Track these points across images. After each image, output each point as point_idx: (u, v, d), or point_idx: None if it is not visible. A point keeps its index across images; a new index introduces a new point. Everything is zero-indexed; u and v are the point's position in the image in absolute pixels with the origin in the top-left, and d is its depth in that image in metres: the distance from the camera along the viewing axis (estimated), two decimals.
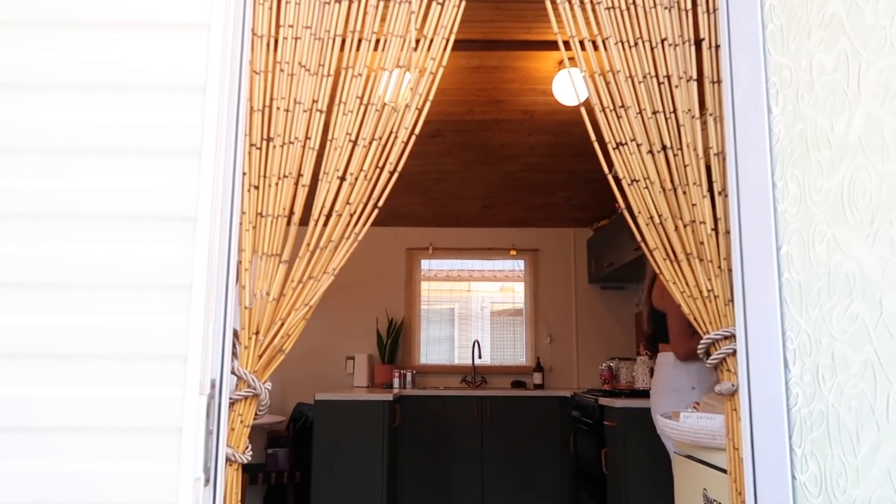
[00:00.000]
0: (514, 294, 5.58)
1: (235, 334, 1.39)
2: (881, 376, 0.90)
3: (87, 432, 1.24)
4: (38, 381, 1.24)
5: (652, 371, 4.51)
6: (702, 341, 1.43)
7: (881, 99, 0.91)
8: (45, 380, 1.24)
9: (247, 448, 1.38)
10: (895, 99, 0.89)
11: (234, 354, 1.38)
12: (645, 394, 4.06)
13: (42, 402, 1.23)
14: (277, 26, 1.48)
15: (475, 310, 5.61)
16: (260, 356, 1.40)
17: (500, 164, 4.81)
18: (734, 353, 1.38)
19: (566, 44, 1.55)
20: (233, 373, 1.36)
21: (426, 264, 5.55)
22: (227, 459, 1.33)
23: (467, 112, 4.31)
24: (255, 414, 1.40)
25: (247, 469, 4.23)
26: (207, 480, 1.25)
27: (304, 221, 1.44)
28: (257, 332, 1.40)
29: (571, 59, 1.54)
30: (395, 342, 5.22)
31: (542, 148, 4.62)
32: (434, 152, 4.66)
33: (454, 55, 3.78)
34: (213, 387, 1.27)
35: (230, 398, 1.34)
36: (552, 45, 3.65)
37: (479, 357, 5.29)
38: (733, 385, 1.38)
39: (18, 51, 1.32)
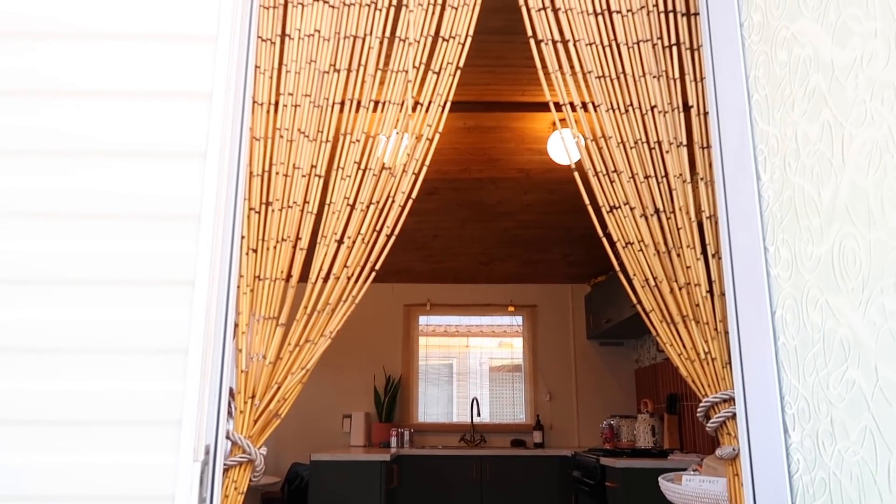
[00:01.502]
0: (513, 350, 5.55)
1: (231, 397, 1.38)
2: (881, 445, 0.90)
3: (79, 501, 1.21)
4: (31, 447, 1.22)
5: (653, 429, 4.44)
6: (701, 404, 1.42)
7: (865, 170, 0.94)
8: (36, 446, 1.22)
9: None
10: (878, 170, 0.91)
11: (229, 418, 1.37)
12: (647, 453, 3.99)
13: (34, 469, 1.21)
14: (277, 94, 1.53)
15: (474, 365, 5.57)
16: (255, 420, 1.38)
17: (496, 221, 4.86)
18: (734, 416, 1.37)
19: (557, 105, 1.60)
20: (228, 438, 1.34)
21: (424, 320, 5.53)
22: None
23: (463, 170, 4.38)
24: (250, 480, 1.38)
25: None
26: None
27: (301, 288, 1.44)
28: (253, 396, 1.39)
29: (563, 120, 1.59)
30: (392, 400, 5.16)
31: (537, 205, 4.67)
32: (431, 210, 4.72)
33: (451, 116, 3.87)
34: (207, 453, 1.26)
35: (224, 464, 1.32)
36: (547, 107, 3.74)
37: (479, 415, 5.22)
38: (734, 449, 1.37)
39: (18, 118, 1.35)
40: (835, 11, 1.02)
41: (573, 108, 1.57)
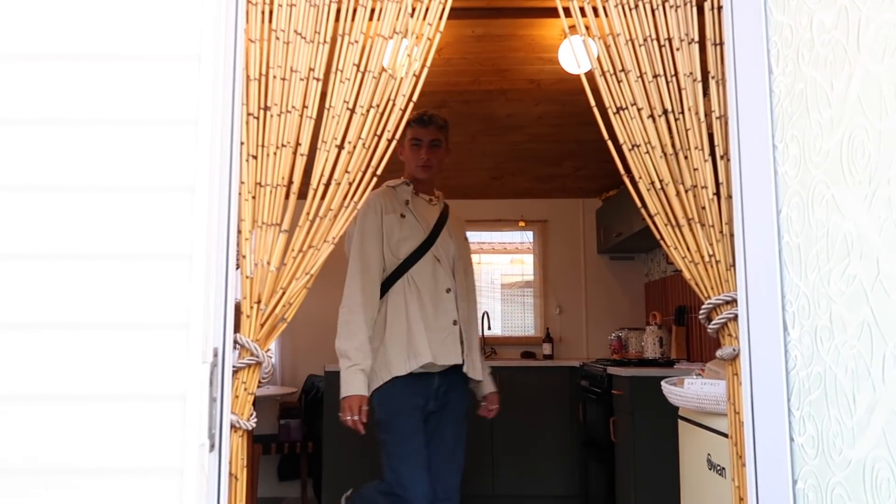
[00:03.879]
0: (524, 266, 5.58)
1: (237, 304, 1.40)
2: (877, 337, 0.90)
3: (95, 401, 1.26)
4: (44, 350, 1.25)
5: (661, 340, 4.51)
6: (703, 306, 1.43)
7: (879, 55, 0.89)
8: (50, 349, 1.25)
9: (251, 415, 1.40)
10: (894, 55, 0.87)
11: (237, 323, 1.40)
12: (653, 363, 4.06)
13: (48, 372, 1.25)
14: None
15: (486, 282, 5.62)
16: (262, 325, 1.41)
17: (506, 135, 4.77)
18: (735, 317, 1.37)
19: (566, 10, 1.53)
20: (235, 342, 1.37)
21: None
22: (232, 426, 1.35)
23: (473, 82, 4.27)
24: (259, 381, 1.42)
25: (260, 439, 4.30)
26: (212, 446, 1.27)
27: (304, 194, 1.43)
28: (259, 302, 1.41)
29: (572, 27, 1.52)
30: None
31: (549, 118, 4.57)
32: None
33: (458, 24, 3.73)
34: (215, 355, 1.29)
35: (233, 366, 1.35)
36: (557, 12, 3.59)
37: (489, 328, 5.31)
38: (734, 350, 1.38)
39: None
40: None
41: (583, 14, 1.50)
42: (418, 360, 2.32)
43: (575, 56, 1.75)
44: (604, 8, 1.50)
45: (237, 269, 1.39)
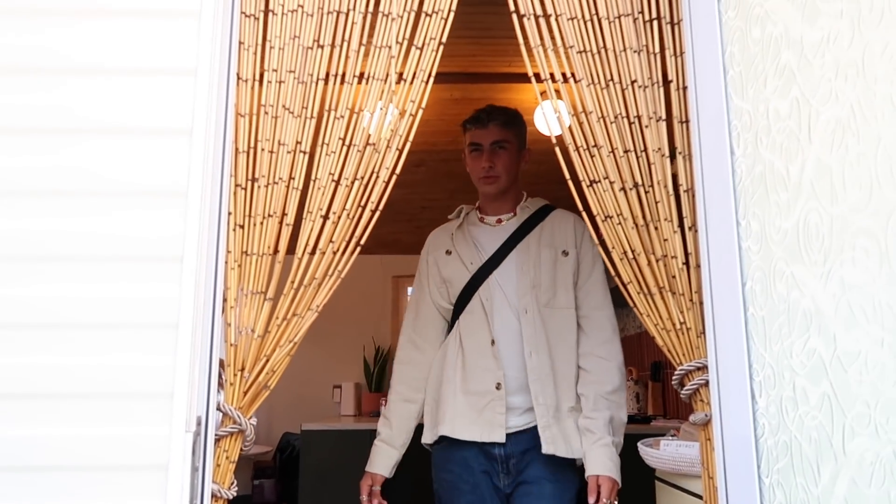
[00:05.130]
0: None
1: (222, 369, 1.41)
2: (837, 409, 0.95)
3: (76, 471, 1.26)
4: (26, 420, 1.26)
5: (638, 396, 4.53)
6: (676, 372, 1.47)
7: (829, 146, 0.97)
8: (32, 419, 1.26)
9: (232, 484, 1.40)
10: (841, 147, 0.95)
11: (220, 390, 1.41)
12: (631, 419, 4.07)
13: (29, 442, 1.25)
14: (262, 70, 1.54)
15: None
16: (245, 392, 1.43)
17: None
18: (707, 383, 1.42)
19: (537, 76, 1.61)
20: (218, 409, 1.38)
21: (412, 291, 5.57)
22: (213, 496, 1.35)
23: (451, 142, 4.38)
24: (241, 449, 1.42)
25: (233, 502, 4.20)
26: None
27: (291, 249, 1.47)
28: (242, 369, 1.43)
29: (543, 93, 1.60)
30: (382, 370, 5.23)
31: (525, 176, 4.68)
32: (419, 181, 4.73)
33: (438, 87, 3.85)
34: (198, 424, 1.30)
35: (216, 434, 1.36)
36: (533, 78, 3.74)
37: None
38: (706, 415, 1.43)
39: (1, 97, 1.36)
40: None
41: (553, 80, 1.59)
42: (436, 431, 1.91)
43: (547, 122, 1.84)
44: (576, 85, 1.59)
45: (223, 325, 1.41)
